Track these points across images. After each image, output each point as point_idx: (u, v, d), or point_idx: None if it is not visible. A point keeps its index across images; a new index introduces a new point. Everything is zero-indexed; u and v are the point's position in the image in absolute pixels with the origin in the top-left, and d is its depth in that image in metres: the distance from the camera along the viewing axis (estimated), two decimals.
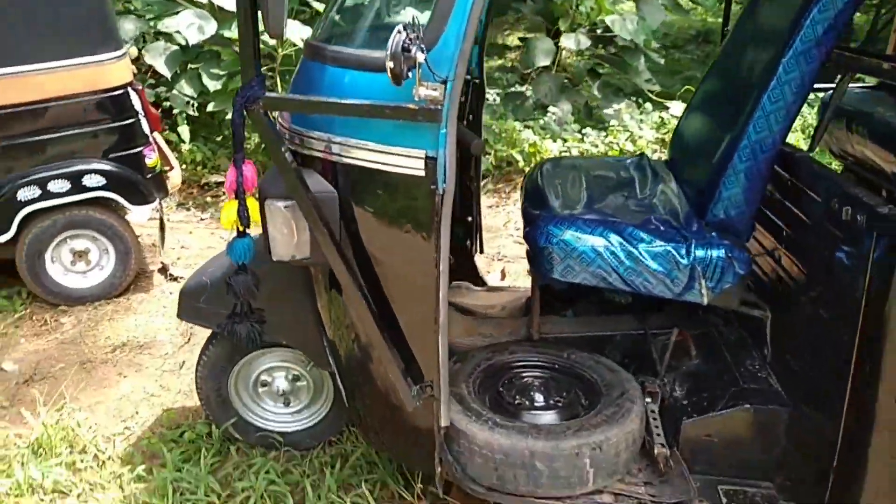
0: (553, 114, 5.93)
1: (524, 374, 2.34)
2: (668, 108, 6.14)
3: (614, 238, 2.07)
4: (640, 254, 2.05)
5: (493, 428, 2.01)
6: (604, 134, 5.85)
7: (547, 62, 6.28)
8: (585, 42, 6.29)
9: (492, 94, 6.32)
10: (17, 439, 2.86)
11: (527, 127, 5.71)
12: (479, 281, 3.05)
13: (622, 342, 2.54)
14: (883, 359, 1.62)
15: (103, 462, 2.75)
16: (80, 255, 3.85)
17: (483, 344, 2.55)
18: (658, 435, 2.12)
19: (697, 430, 2.06)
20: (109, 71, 3.67)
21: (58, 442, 2.80)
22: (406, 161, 1.70)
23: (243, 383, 2.71)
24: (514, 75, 6.90)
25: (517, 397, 2.24)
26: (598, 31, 6.49)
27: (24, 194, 3.59)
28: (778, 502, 1.95)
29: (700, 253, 2.03)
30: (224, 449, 2.74)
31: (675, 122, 4.96)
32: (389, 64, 1.49)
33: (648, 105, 6.28)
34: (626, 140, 5.71)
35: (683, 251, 2.03)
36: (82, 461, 2.74)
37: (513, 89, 6.56)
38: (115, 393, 3.21)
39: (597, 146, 5.67)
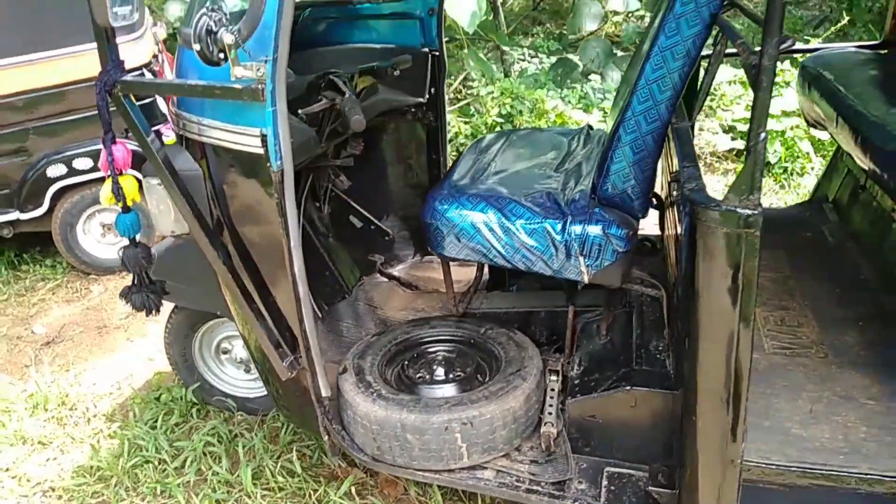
0: (593, 81, 5.73)
1: (435, 349, 2.35)
2: None
3: (493, 214, 2.03)
4: (517, 230, 2.00)
5: (374, 400, 2.05)
6: None
7: (594, 26, 6.06)
8: (635, 4, 6.00)
9: (533, 64, 6.18)
10: (23, 394, 3.20)
11: (563, 98, 5.56)
12: None
13: (548, 319, 2.49)
14: (690, 337, 1.53)
15: (89, 419, 3.03)
16: (108, 227, 4.19)
17: (412, 318, 2.58)
18: (549, 414, 2.09)
19: (581, 410, 2.01)
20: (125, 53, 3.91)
21: (53, 398, 3.10)
22: (247, 139, 1.75)
23: (206, 349, 2.89)
24: (562, 41, 6.70)
25: (420, 371, 2.26)
26: None
27: (52, 171, 3.94)
28: (648, 487, 1.87)
29: (577, 229, 1.95)
30: (190, 411, 2.94)
31: None
32: (196, 47, 1.54)
33: None
34: None
35: (559, 227, 1.96)
36: (71, 417, 3.03)
37: (559, 56, 6.37)
38: (119, 356, 3.50)
39: None
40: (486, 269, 2.60)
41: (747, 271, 1.36)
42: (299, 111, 2.05)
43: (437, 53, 2.94)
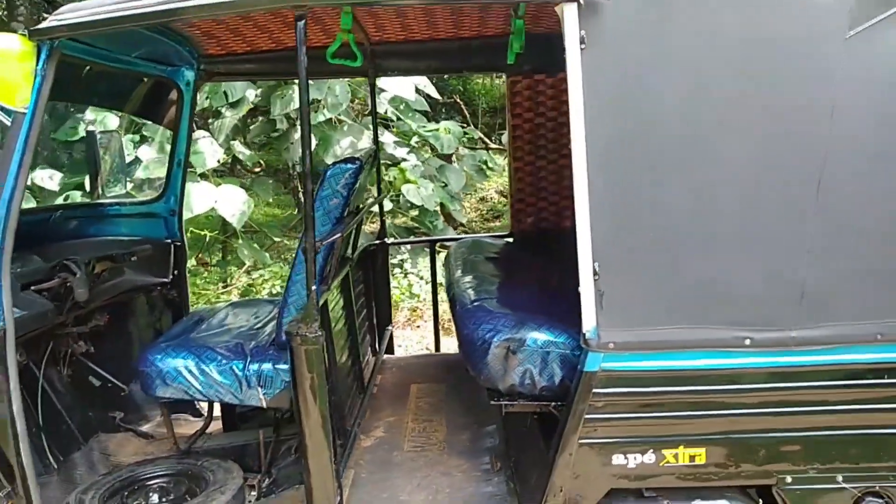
0: None
1: (154, 482, 2.81)
2: None
3: (191, 360, 2.67)
4: (210, 370, 2.64)
5: None
6: None
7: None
8: (389, 205, 7.18)
9: None
10: None
11: None
12: None
13: (256, 448, 3.05)
14: None
15: None
16: None
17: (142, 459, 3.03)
18: None
19: None
20: None
21: None
22: None
23: None
24: None
25: (137, 500, 2.70)
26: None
27: None
28: None
29: (254, 367, 2.62)
30: None
31: None
32: None
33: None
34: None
35: (241, 366, 2.63)
36: None
37: None
38: None
39: None
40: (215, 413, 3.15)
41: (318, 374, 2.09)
42: (32, 288, 2.62)
43: (179, 243, 3.66)
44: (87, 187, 4.22)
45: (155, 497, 2.73)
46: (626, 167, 1.96)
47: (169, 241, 3.64)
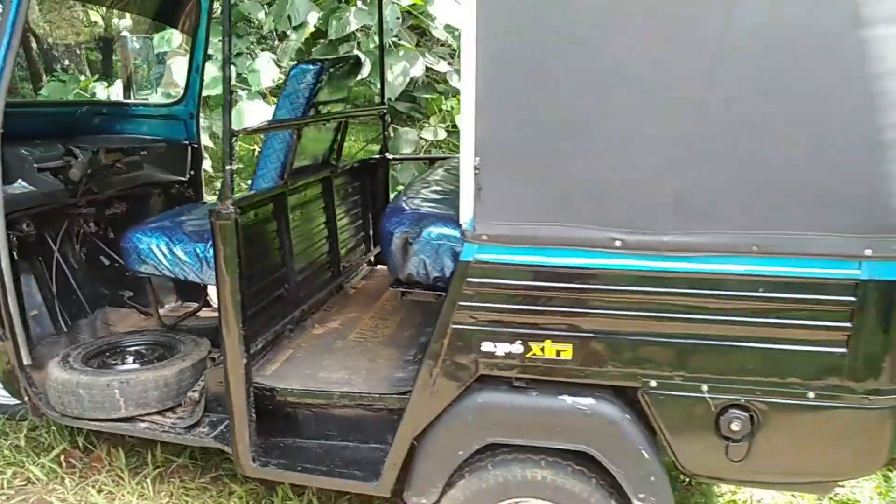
0: None
1: (135, 346, 3.17)
2: None
3: (163, 241, 2.94)
4: (178, 251, 2.92)
5: (64, 369, 2.83)
6: None
7: (409, 150, 7.30)
8: (442, 134, 7.30)
9: None
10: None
11: None
12: None
13: None
14: None
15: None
16: None
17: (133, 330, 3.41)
18: (199, 385, 2.89)
19: (211, 381, 2.81)
20: None
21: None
22: None
23: None
24: None
25: (115, 359, 3.06)
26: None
27: None
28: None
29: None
30: None
31: None
32: None
33: None
34: None
35: (203, 248, 2.87)
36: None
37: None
38: None
39: None
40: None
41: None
42: (35, 165, 2.98)
43: (196, 146, 3.96)
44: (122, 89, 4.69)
45: (130, 359, 3.08)
46: (509, 67, 1.98)
47: (187, 142, 3.95)
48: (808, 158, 1.86)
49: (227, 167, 2.28)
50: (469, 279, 2.06)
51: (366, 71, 6.30)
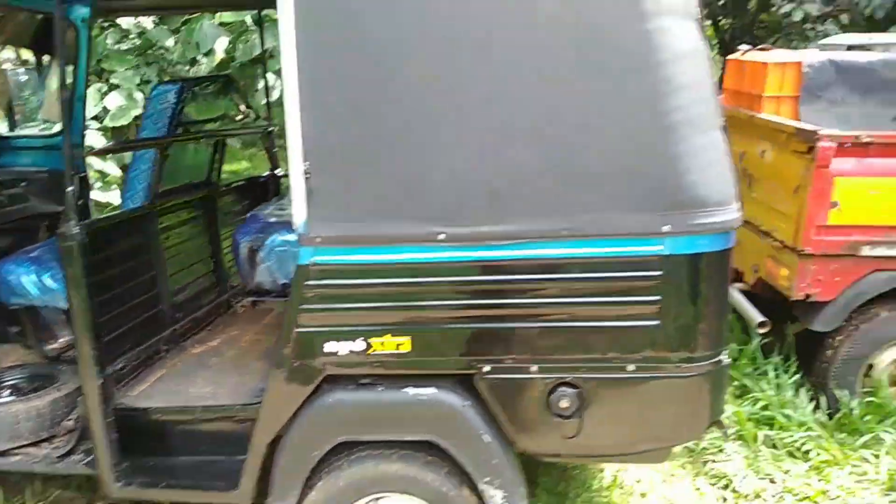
0: None
1: (12, 380, 3.13)
2: None
3: (32, 271, 2.94)
4: (46, 280, 2.92)
5: None
6: None
7: None
8: None
9: None
10: None
11: None
12: None
13: None
14: None
15: None
16: None
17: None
18: (73, 413, 2.87)
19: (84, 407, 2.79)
20: None
21: None
22: None
23: None
24: None
25: None
26: None
27: None
28: None
29: None
30: None
31: None
32: None
33: None
34: None
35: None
36: None
37: None
38: None
39: None
40: None
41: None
42: None
43: (83, 175, 3.94)
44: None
45: (7, 392, 3.04)
46: (332, 72, 2.06)
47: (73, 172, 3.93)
48: (607, 143, 1.98)
49: (69, 189, 2.30)
50: (308, 282, 2.11)
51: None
